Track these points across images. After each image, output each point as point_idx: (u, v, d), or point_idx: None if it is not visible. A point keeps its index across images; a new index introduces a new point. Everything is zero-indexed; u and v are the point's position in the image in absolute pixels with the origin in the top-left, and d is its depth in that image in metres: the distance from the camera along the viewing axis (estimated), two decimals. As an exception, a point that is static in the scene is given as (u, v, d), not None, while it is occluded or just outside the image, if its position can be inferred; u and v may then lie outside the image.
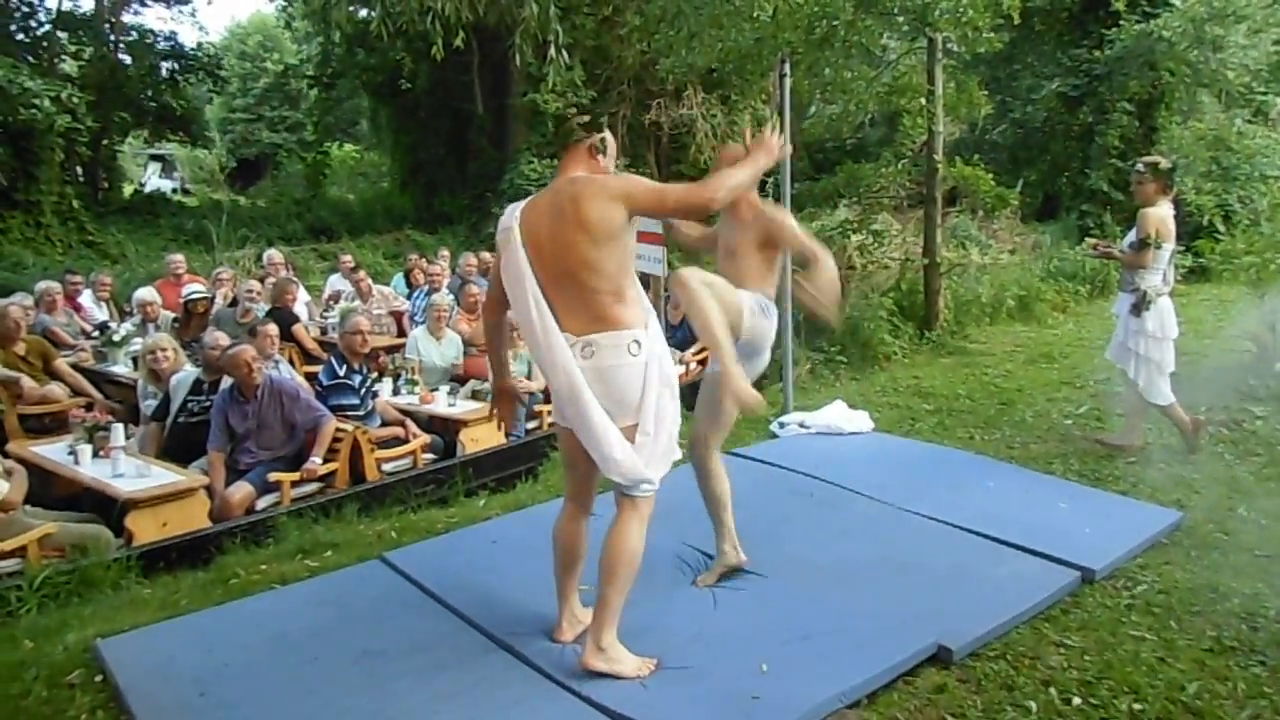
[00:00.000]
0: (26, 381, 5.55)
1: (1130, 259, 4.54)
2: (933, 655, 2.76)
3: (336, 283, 9.13)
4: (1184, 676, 2.65)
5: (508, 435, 5.72)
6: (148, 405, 5.41)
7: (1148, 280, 4.53)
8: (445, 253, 9.90)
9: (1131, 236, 4.57)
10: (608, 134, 2.64)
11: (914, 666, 2.71)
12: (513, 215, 2.59)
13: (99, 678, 2.81)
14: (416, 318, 7.81)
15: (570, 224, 2.44)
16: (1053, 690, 2.59)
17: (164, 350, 5.40)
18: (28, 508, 4.10)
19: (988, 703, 2.56)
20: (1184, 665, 2.72)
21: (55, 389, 5.72)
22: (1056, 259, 11.22)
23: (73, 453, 4.60)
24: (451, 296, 7.80)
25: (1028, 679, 2.66)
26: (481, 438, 5.58)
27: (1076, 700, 2.54)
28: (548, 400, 6.26)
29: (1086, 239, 5.20)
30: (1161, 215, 4.42)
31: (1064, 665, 2.72)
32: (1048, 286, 10.01)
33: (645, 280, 7.21)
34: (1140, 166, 4.54)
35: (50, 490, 4.61)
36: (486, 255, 9.82)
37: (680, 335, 7.58)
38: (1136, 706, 2.51)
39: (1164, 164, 4.51)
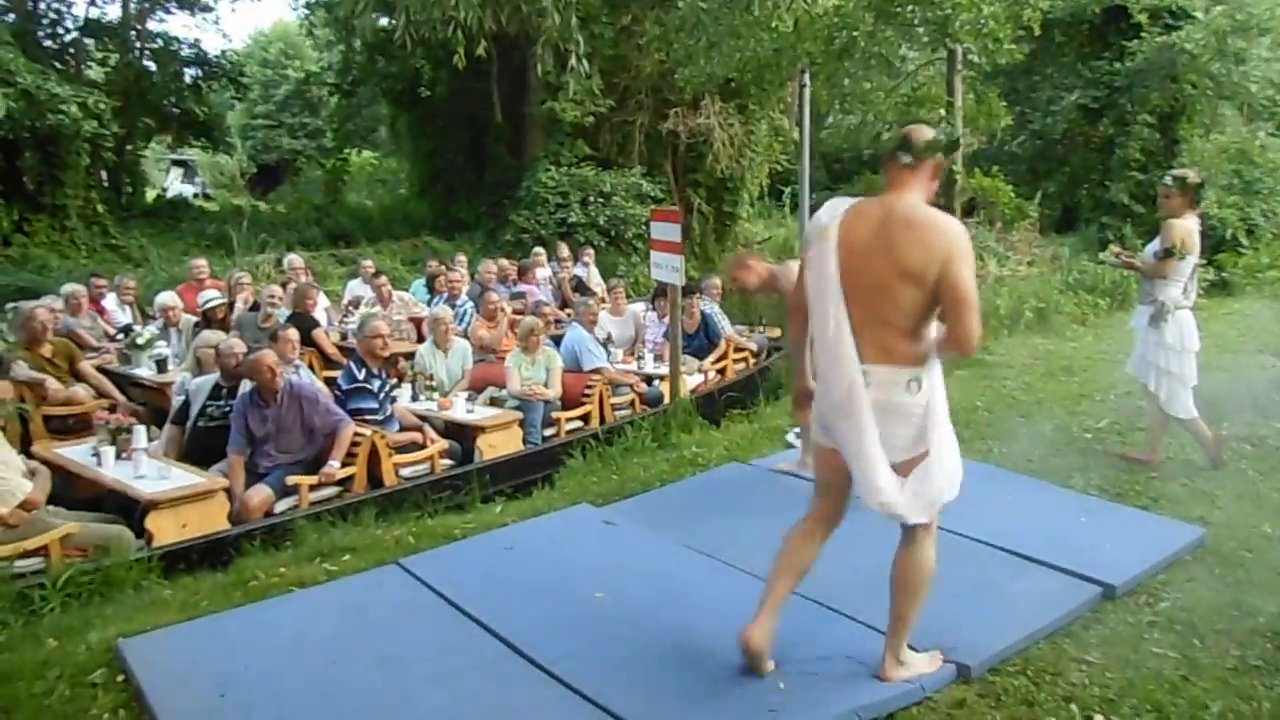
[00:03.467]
0: (52, 383, 5.62)
1: (1152, 269, 4.51)
2: (951, 670, 2.74)
3: (356, 288, 9.20)
4: (1208, 695, 2.62)
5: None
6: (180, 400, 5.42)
7: (1166, 292, 4.49)
8: (462, 258, 9.94)
9: (1154, 246, 4.54)
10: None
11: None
12: (833, 213, 2.49)
13: (121, 677, 2.83)
14: (435, 324, 7.85)
15: (890, 249, 2.36)
16: (1074, 707, 2.57)
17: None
18: (50, 508, 4.16)
19: (1008, 718, 2.54)
20: (1207, 684, 2.68)
21: (80, 391, 5.79)
22: (1076, 271, 11.15)
23: (96, 454, 4.66)
24: (471, 304, 7.84)
25: (1048, 695, 2.64)
26: (498, 444, 5.60)
27: (1098, 718, 2.52)
28: (566, 409, 6.28)
29: (1110, 246, 5.15)
30: (1188, 227, 4.38)
31: (1085, 682, 2.69)
32: (1067, 299, 9.94)
33: (663, 289, 7.25)
34: (1168, 180, 4.50)
35: (73, 491, 4.67)
36: (505, 262, 9.87)
37: (697, 344, 7.59)
38: (1159, 725, 2.49)
39: (1192, 178, 4.46)
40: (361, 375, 5.50)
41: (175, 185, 29.89)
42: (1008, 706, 2.59)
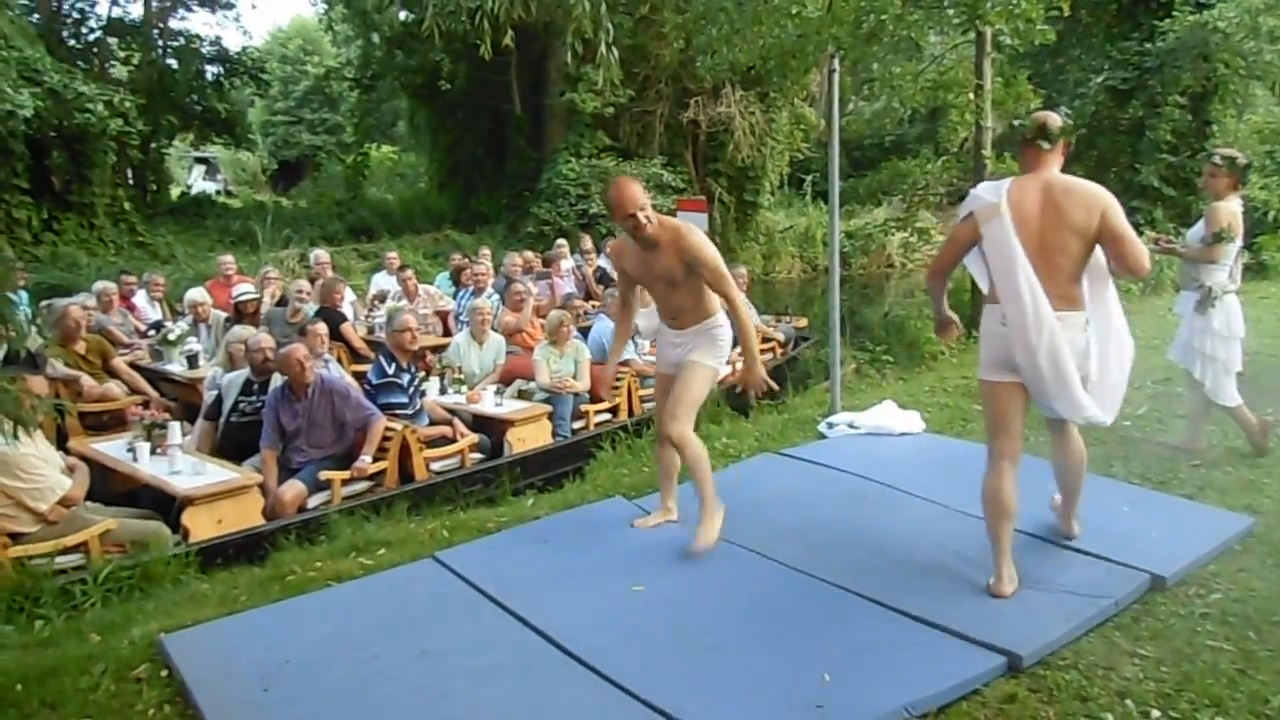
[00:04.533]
0: (86, 380, 5.67)
1: (1199, 254, 4.40)
2: (1001, 663, 2.69)
3: (381, 281, 9.22)
4: (1267, 689, 2.55)
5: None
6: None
7: (1213, 276, 4.39)
8: (486, 251, 9.93)
9: (1198, 230, 4.43)
10: None
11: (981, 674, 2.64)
12: (998, 192, 2.95)
13: (164, 672, 2.84)
14: (462, 318, 7.85)
15: (1059, 214, 2.87)
16: (1129, 702, 2.50)
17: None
18: (88, 504, 4.19)
19: (1061, 714, 2.48)
20: (1266, 677, 2.61)
21: (114, 387, 5.84)
22: (1106, 256, 10.93)
23: (131, 450, 4.69)
24: (497, 296, 7.83)
25: (1102, 689, 2.57)
26: (528, 437, 5.59)
27: (1155, 713, 2.45)
28: (593, 401, 6.26)
29: (1146, 233, 5.04)
30: (1233, 209, 4.28)
31: (1140, 676, 2.63)
32: (1098, 284, 9.75)
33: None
34: (1216, 159, 4.39)
35: (109, 487, 4.71)
36: (530, 254, 9.85)
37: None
38: (1219, 720, 2.42)
39: (1241, 158, 4.35)
40: (391, 370, 5.51)
41: (198, 182, 30.14)
42: (1060, 701, 2.53)
